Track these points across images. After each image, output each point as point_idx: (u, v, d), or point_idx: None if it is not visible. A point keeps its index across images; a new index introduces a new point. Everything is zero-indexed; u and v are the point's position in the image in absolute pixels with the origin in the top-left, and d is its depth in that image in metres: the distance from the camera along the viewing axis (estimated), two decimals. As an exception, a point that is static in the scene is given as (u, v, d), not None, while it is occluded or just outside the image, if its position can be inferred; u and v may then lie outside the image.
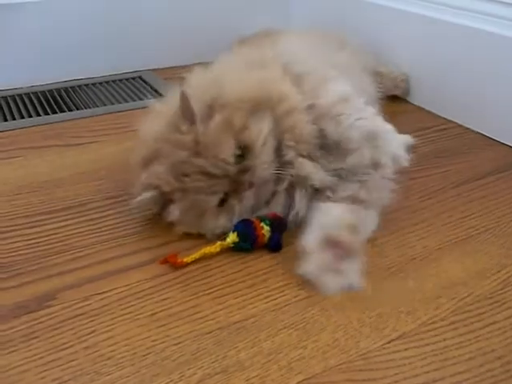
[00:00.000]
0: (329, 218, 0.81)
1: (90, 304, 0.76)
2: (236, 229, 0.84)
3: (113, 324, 0.73)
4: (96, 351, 0.69)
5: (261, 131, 0.83)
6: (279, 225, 0.85)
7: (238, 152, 0.82)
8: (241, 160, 0.82)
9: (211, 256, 0.85)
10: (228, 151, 0.81)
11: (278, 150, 0.86)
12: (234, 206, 0.84)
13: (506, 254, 0.86)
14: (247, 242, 0.84)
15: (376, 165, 0.87)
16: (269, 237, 0.84)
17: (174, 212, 0.85)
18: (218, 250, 0.84)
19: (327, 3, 1.67)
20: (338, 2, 1.62)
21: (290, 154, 0.86)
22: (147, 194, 0.84)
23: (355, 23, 1.54)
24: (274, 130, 0.85)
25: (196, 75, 0.93)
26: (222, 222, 0.85)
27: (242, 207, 0.84)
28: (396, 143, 0.87)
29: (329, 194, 0.87)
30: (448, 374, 0.66)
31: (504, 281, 0.81)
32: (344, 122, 0.85)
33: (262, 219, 0.84)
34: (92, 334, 0.71)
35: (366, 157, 0.86)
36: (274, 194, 0.87)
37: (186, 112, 0.82)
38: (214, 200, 0.83)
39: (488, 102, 1.24)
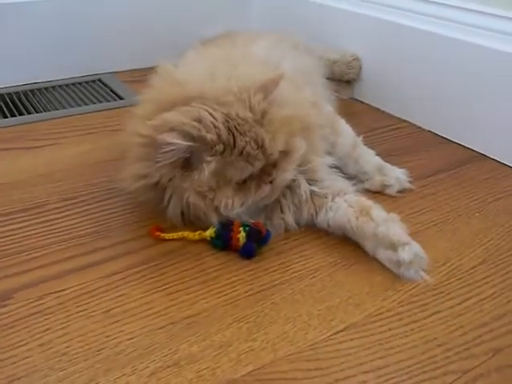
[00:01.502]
0: None
1: (45, 302, 0.77)
2: (216, 225, 0.86)
3: (68, 321, 0.74)
4: (50, 348, 0.70)
5: (302, 149, 0.89)
6: (257, 235, 0.86)
7: (281, 152, 0.85)
8: (278, 157, 0.85)
9: (167, 252, 0.87)
10: (283, 142, 0.85)
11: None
12: (250, 190, 0.85)
13: (452, 248, 0.89)
14: (220, 240, 0.86)
15: (385, 186, 1.04)
16: (243, 243, 0.85)
17: (210, 166, 0.81)
18: (196, 237, 0.88)
19: (287, 7, 1.70)
20: (298, 6, 1.65)
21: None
22: (183, 143, 0.79)
23: (312, 26, 1.56)
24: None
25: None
26: (234, 200, 0.84)
27: (256, 196, 0.86)
28: (398, 171, 1.06)
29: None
30: (392, 362, 0.69)
31: (448, 273, 0.84)
32: (360, 162, 1.04)
33: (242, 225, 0.86)
34: (47, 332, 0.72)
35: (377, 182, 1.04)
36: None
37: (266, 87, 0.84)
38: (247, 172, 0.83)
39: (439, 102, 1.28)
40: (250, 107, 0.82)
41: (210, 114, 0.81)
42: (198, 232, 0.88)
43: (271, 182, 0.85)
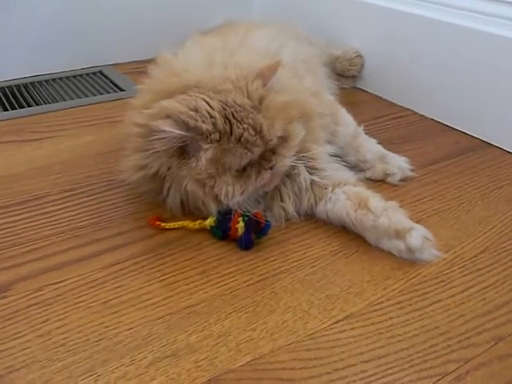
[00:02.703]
0: None
1: (43, 294, 0.77)
2: (216, 214, 0.86)
3: (66, 312, 0.74)
4: (49, 339, 0.69)
5: (300, 135, 0.88)
6: (255, 226, 0.85)
7: (280, 137, 0.85)
8: (277, 143, 0.85)
9: (166, 243, 0.87)
10: (281, 127, 0.84)
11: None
12: (251, 177, 0.84)
13: (454, 236, 0.89)
14: (220, 229, 0.86)
15: (387, 175, 1.03)
16: (241, 233, 0.85)
17: (206, 154, 0.80)
18: (196, 226, 0.88)
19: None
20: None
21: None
22: (178, 132, 0.78)
23: (314, 15, 1.55)
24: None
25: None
26: (235, 188, 0.83)
27: (256, 183, 0.85)
28: (400, 159, 1.05)
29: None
30: (392, 351, 0.68)
31: (450, 261, 0.83)
32: (361, 151, 1.04)
33: (242, 215, 0.85)
34: (45, 323, 0.72)
35: (378, 171, 1.03)
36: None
37: (264, 74, 0.83)
38: (246, 159, 0.82)
39: (442, 89, 1.26)
40: (248, 94, 0.82)
41: (207, 102, 0.80)
42: (198, 221, 0.87)
43: (271, 168, 0.84)
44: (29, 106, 1.39)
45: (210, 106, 0.80)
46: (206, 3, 1.74)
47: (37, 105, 1.40)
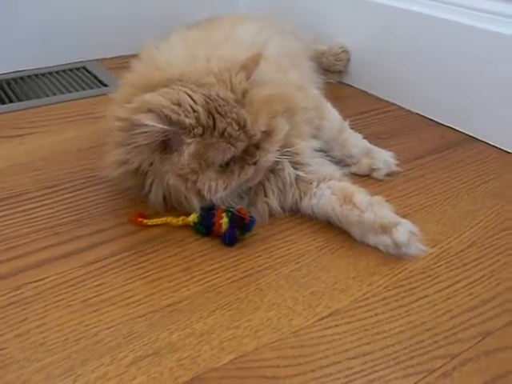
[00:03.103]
0: None
1: (22, 293, 0.75)
2: (200, 210, 0.84)
3: (45, 311, 0.72)
4: (27, 339, 0.68)
5: (284, 130, 0.87)
6: (239, 222, 0.84)
7: (264, 132, 0.83)
8: (261, 138, 0.83)
9: (149, 239, 0.85)
10: (266, 122, 0.82)
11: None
12: (234, 172, 0.83)
13: (441, 231, 0.88)
14: (203, 225, 0.84)
15: (372, 170, 1.02)
16: (225, 229, 0.83)
17: (189, 148, 0.79)
18: (180, 223, 0.86)
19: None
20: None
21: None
22: (160, 126, 0.77)
23: (299, 10, 1.54)
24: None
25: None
26: (218, 183, 0.82)
27: (239, 179, 0.83)
28: (386, 154, 1.04)
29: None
30: (378, 348, 0.67)
31: (437, 256, 0.83)
32: (347, 146, 1.03)
33: (226, 211, 0.84)
34: (24, 322, 0.70)
35: (364, 166, 1.02)
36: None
37: (247, 67, 0.82)
38: (229, 154, 0.80)
39: (427, 84, 1.26)
40: (231, 87, 0.80)
41: (190, 96, 0.79)
42: (181, 218, 0.86)
43: (254, 164, 0.83)
44: (11, 101, 1.37)
45: (193, 100, 0.78)
46: (191, -1, 1.73)
47: (19, 101, 1.38)
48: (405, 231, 0.81)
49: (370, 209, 0.83)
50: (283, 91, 0.88)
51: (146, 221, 0.87)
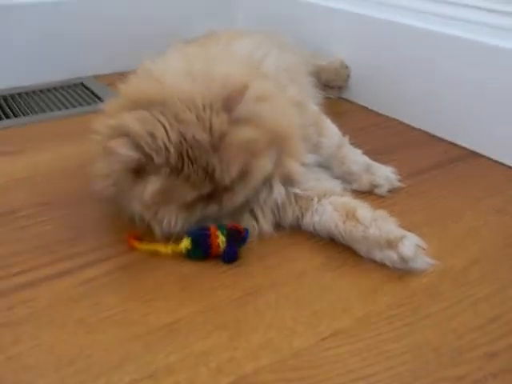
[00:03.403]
0: None
1: (15, 313, 0.73)
2: (190, 235, 0.81)
3: (38, 332, 0.70)
4: (19, 361, 0.66)
5: (265, 170, 0.84)
6: (236, 236, 0.82)
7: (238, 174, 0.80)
8: (236, 180, 0.81)
9: (145, 258, 0.83)
10: (238, 169, 0.79)
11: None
12: (196, 210, 0.81)
13: (444, 247, 0.86)
14: (200, 250, 0.81)
15: (373, 186, 1.00)
16: (224, 247, 0.81)
17: (153, 184, 0.78)
18: (169, 252, 0.82)
19: (273, 7, 1.67)
20: (285, 6, 1.62)
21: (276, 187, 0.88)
22: (132, 155, 0.76)
23: (299, 25, 1.54)
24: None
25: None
26: (178, 219, 0.81)
27: (201, 215, 0.82)
28: (387, 169, 1.02)
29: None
30: (382, 369, 0.65)
31: (440, 273, 0.81)
32: (346, 163, 1.00)
33: (219, 228, 0.81)
34: (15, 344, 0.68)
35: (365, 182, 1.00)
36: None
37: (231, 102, 0.78)
38: (193, 196, 0.79)
39: (428, 99, 1.24)
40: (210, 129, 0.77)
41: (166, 131, 0.76)
42: (169, 246, 0.82)
43: (220, 204, 0.81)
44: (8, 117, 1.36)
45: (168, 137, 0.76)
46: (190, 15, 1.73)
47: (16, 117, 1.37)
48: (411, 245, 0.80)
49: (375, 224, 0.82)
50: (271, 124, 0.84)
51: (136, 244, 0.84)
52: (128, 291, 0.77)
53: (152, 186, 0.78)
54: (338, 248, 0.86)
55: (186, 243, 0.81)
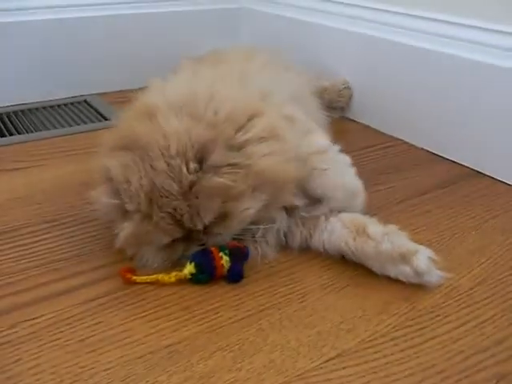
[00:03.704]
0: None
1: (16, 332, 0.72)
2: (193, 259, 0.80)
3: (40, 351, 0.69)
4: (19, 381, 0.65)
5: (248, 213, 0.80)
6: (239, 254, 0.81)
7: (216, 217, 0.79)
8: (214, 224, 0.80)
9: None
10: (211, 215, 0.78)
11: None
12: (178, 250, 0.82)
13: (449, 268, 0.85)
14: (205, 273, 0.80)
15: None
16: (228, 267, 0.80)
17: (125, 230, 0.79)
18: (172, 280, 0.80)
19: (276, 26, 1.68)
20: (286, 24, 1.63)
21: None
22: (112, 202, 0.79)
23: (301, 44, 1.54)
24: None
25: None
26: (156, 258, 0.83)
27: (186, 252, 0.82)
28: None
29: None
30: (387, 392, 0.64)
31: (446, 294, 0.80)
32: (323, 178, 0.88)
33: (221, 249, 0.80)
34: (17, 363, 0.67)
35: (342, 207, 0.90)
36: None
37: (202, 152, 0.77)
38: (166, 240, 0.80)
39: (432, 119, 1.24)
40: (180, 178, 0.76)
41: (140, 178, 0.77)
42: (173, 274, 0.80)
43: (202, 244, 0.81)
44: (11, 134, 1.36)
45: (141, 185, 0.77)
46: (193, 32, 1.73)
47: (19, 134, 1.36)
48: (424, 258, 0.79)
49: (387, 238, 0.81)
50: (263, 167, 0.80)
51: (134, 278, 0.81)
52: (130, 311, 0.76)
53: (125, 231, 0.79)
54: (342, 268, 0.85)
55: (189, 268, 0.80)
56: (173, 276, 0.80)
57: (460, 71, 1.16)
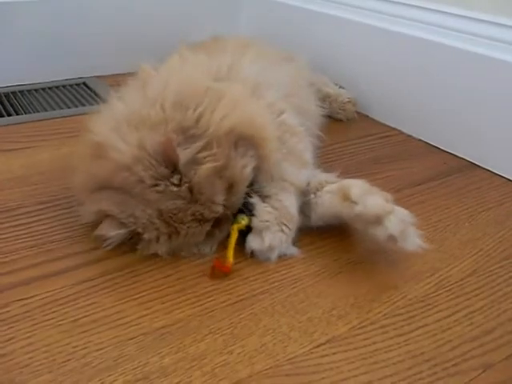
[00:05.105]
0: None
1: (10, 311, 0.73)
2: (244, 213, 0.84)
3: (33, 330, 0.70)
4: (12, 359, 0.65)
5: (245, 168, 0.81)
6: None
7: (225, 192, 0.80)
8: (227, 197, 0.80)
9: (143, 259, 0.83)
10: (222, 196, 0.79)
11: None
12: (215, 234, 0.83)
13: (441, 258, 0.86)
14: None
15: None
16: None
17: (160, 250, 0.82)
18: (237, 234, 0.83)
19: (277, 13, 1.67)
20: (287, 12, 1.62)
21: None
22: (121, 232, 0.80)
23: (301, 32, 1.54)
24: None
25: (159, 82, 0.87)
26: (201, 246, 0.84)
27: (222, 234, 0.84)
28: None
29: None
30: (376, 378, 0.65)
31: (436, 284, 0.81)
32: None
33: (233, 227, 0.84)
34: (10, 341, 0.68)
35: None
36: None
37: (167, 160, 0.76)
38: (202, 238, 0.82)
39: (429, 110, 1.25)
40: (178, 194, 0.77)
41: (143, 210, 0.78)
42: (235, 227, 0.84)
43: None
44: (9, 115, 1.36)
45: (149, 215, 0.78)
46: (193, 17, 1.73)
47: (17, 114, 1.36)
48: (396, 220, 0.76)
49: (361, 200, 0.79)
50: (232, 120, 0.81)
51: (228, 262, 0.80)
52: (124, 292, 0.76)
53: (159, 251, 0.81)
54: (336, 255, 0.86)
55: (247, 220, 0.83)
56: (235, 229, 0.83)
57: (459, 63, 1.16)
